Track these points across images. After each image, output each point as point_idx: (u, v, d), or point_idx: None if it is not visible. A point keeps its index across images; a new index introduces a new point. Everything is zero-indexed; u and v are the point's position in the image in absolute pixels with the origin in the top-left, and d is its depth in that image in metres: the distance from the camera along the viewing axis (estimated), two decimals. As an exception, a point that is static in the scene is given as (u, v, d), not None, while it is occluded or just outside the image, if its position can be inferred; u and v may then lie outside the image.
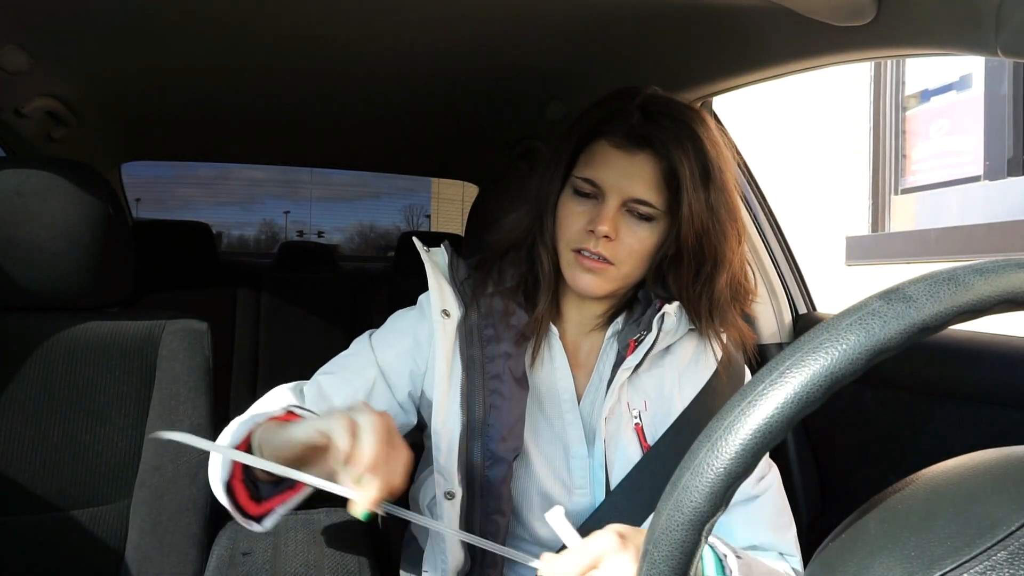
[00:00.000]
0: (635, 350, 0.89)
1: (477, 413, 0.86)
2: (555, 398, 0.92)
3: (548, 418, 0.92)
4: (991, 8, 0.77)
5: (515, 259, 0.95)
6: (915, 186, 3.72)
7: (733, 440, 0.34)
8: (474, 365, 0.87)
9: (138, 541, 1.09)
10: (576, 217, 0.89)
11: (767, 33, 1.08)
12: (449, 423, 0.87)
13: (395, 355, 0.92)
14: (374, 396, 0.91)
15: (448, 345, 0.88)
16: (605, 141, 0.88)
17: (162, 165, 3.58)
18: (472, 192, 2.83)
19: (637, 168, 0.86)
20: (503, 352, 0.88)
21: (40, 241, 1.08)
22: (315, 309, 2.56)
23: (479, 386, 0.87)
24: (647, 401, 0.92)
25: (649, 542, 0.36)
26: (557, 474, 0.90)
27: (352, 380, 0.91)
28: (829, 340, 0.33)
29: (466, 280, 0.94)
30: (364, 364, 0.92)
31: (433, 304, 0.91)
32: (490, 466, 0.85)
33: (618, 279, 0.89)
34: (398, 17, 1.19)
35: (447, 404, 0.87)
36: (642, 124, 0.87)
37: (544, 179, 0.93)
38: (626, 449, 0.90)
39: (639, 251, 0.88)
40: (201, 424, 1.13)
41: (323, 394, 0.90)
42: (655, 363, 0.93)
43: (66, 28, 1.26)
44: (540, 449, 0.90)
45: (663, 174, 0.86)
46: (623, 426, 0.91)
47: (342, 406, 0.84)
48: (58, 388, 1.10)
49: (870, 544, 0.35)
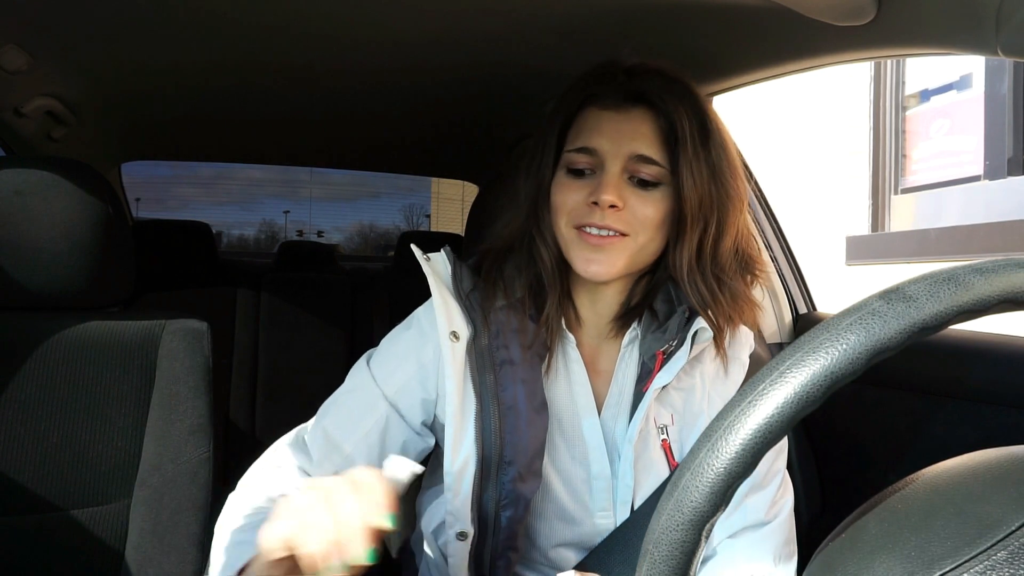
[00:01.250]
0: (664, 365, 0.82)
1: (493, 450, 0.78)
2: (574, 416, 0.85)
3: (567, 438, 0.85)
4: (991, 8, 0.77)
5: (517, 262, 0.87)
6: (915, 186, 3.72)
7: (733, 440, 0.34)
8: (488, 394, 0.79)
9: (138, 541, 1.09)
10: (574, 192, 0.81)
11: (767, 33, 1.08)
12: (463, 464, 0.79)
13: (401, 384, 0.84)
14: (389, 433, 0.84)
15: (459, 372, 0.80)
16: (595, 107, 0.83)
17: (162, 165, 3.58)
18: (472, 192, 2.83)
19: (634, 125, 0.80)
20: (519, 378, 0.80)
21: (40, 241, 1.08)
22: (315, 309, 2.56)
23: (494, 419, 0.79)
24: (674, 415, 0.86)
25: (649, 542, 0.36)
26: (578, 497, 0.85)
27: (362, 420, 0.83)
28: (829, 340, 0.33)
29: (472, 292, 0.85)
30: (371, 400, 0.84)
31: (440, 326, 0.81)
32: (506, 506, 0.80)
33: (631, 251, 0.81)
34: (397, 16, 1.18)
35: (460, 442, 0.79)
36: (632, 82, 0.82)
37: (532, 168, 0.86)
38: (654, 469, 0.84)
39: (653, 218, 0.80)
40: (201, 424, 1.13)
41: (332, 442, 0.83)
42: (683, 376, 0.86)
43: (66, 28, 1.26)
44: (558, 471, 0.84)
45: (662, 131, 0.80)
46: (650, 444, 0.84)
47: (354, 453, 0.81)
48: (58, 388, 1.10)
49: (870, 544, 0.35)
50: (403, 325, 0.90)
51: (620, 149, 0.80)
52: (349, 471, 0.57)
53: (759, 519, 0.86)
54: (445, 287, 0.84)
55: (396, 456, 0.63)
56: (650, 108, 0.81)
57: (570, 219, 0.81)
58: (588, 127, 0.82)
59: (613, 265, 0.80)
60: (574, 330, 0.88)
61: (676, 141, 0.80)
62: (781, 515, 0.87)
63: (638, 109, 0.81)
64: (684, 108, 0.80)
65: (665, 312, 0.86)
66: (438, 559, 0.89)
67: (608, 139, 0.80)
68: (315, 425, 0.86)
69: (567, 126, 0.85)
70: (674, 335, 0.83)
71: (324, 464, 0.81)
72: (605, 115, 0.82)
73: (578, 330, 0.89)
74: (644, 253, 0.83)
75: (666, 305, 0.86)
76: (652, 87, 0.81)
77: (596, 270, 0.80)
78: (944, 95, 3.54)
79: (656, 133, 0.81)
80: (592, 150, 0.81)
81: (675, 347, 0.82)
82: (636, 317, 0.87)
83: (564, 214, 0.82)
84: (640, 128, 0.81)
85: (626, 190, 0.80)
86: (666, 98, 0.80)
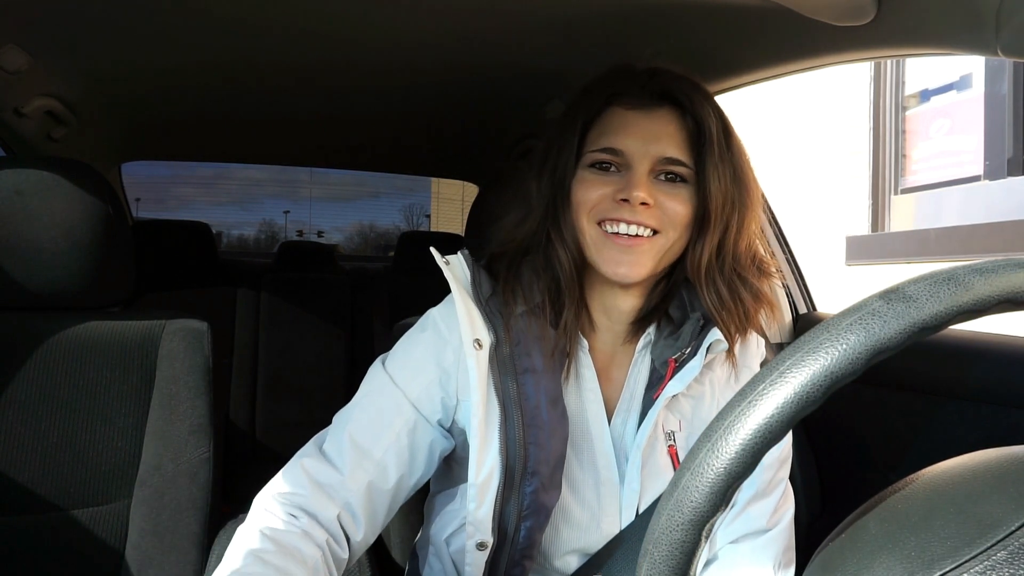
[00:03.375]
0: (675, 373, 0.81)
1: (517, 461, 0.77)
2: (584, 424, 0.84)
3: (576, 445, 0.84)
4: (991, 8, 0.77)
5: (534, 267, 0.85)
6: (915, 186, 3.72)
7: (733, 440, 0.34)
8: (511, 404, 0.78)
9: (138, 541, 1.09)
10: (599, 187, 0.79)
11: (767, 33, 1.08)
12: (488, 475, 0.78)
13: (423, 387, 0.83)
14: (417, 435, 0.82)
15: (483, 382, 0.78)
16: (619, 107, 0.81)
17: (162, 165, 3.58)
18: (472, 192, 2.84)
19: (661, 125, 0.79)
20: (541, 384, 0.79)
21: (40, 241, 1.08)
22: (315, 309, 2.56)
23: (518, 429, 0.78)
24: (682, 421, 0.85)
25: (649, 542, 0.36)
26: (586, 504, 0.84)
27: (390, 424, 0.81)
28: (829, 340, 0.33)
29: (491, 297, 0.83)
30: (395, 403, 0.82)
31: (464, 333, 0.79)
32: (527, 516, 0.79)
33: (660, 250, 0.80)
34: (397, 17, 1.18)
35: (485, 454, 0.78)
36: (656, 80, 0.81)
37: (548, 166, 0.84)
38: (661, 474, 0.84)
39: (683, 216, 0.79)
40: (201, 424, 1.13)
41: (361, 449, 0.80)
42: (693, 383, 0.84)
43: (66, 28, 1.26)
44: (568, 478, 0.83)
45: (688, 131, 0.80)
46: (657, 450, 0.84)
47: (385, 457, 0.79)
48: (58, 388, 1.10)
49: (870, 544, 0.35)
50: (418, 327, 0.88)
51: (648, 150, 0.79)
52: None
53: (760, 526, 0.86)
54: (466, 292, 0.82)
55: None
56: (675, 108, 0.81)
57: (593, 215, 0.80)
58: (613, 127, 0.81)
59: (643, 266, 0.79)
60: (587, 335, 0.87)
61: (702, 142, 0.79)
62: (782, 523, 0.88)
63: (664, 108, 0.81)
64: (712, 109, 0.80)
65: (679, 318, 0.85)
66: (448, 566, 0.88)
67: (635, 139, 0.79)
68: (336, 434, 0.82)
69: (588, 125, 0.83)
70: (687, 343, 0.82)
71: (356, 473, 0.79)
72: (631, 115, 0.81)
73: (591, 335, 0.88)
74: (670, 253, 0.82)
75: (680, 311, 0.85)
76: (679, 87, 0.81)
77: (625, 272, 0.79)
78: (944, 95, 3.54)
79: (682, 133, 0.80)
80: (618, 151, 0.80)
81: (688, 356, 0.82)
82: (651, 322, 0.86)
83: (587, 210, 0.81)
84: (667, 128, 0.80)
85: (655, 188, 0.79)
86: (695, 99, 0.80)
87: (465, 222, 1.44)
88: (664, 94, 0.81)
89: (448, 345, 0.83)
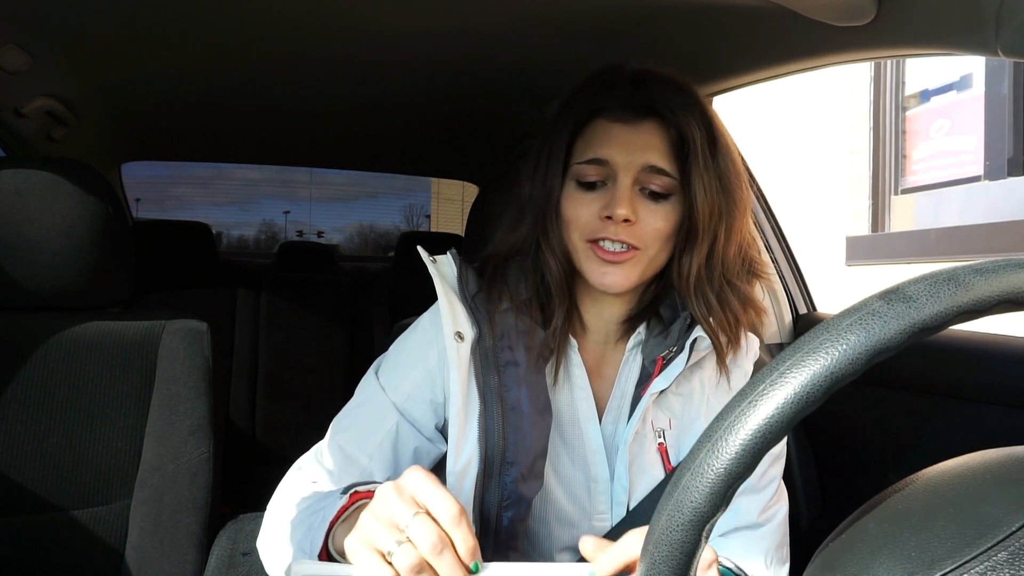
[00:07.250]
0: (663, 370, 0.82)
1: (496, 450, 0.79)
2: (575, 421, 0.86)
3: (567, 442, 0.85)
4: (991, 8, 0.78)
5: (522, 267, 0.87)
6: (915, 186, 3.72)
7: (733, 440, 0.34)
8: (491, 395, 0.80)
9: (138, 541, 1.09)
10: (586, 205, 0.82)
11: (767, 33, 1.08)
12: (466, 463, 0.80)
13: (410, 390, 0.85)
14: (400, 442, 0.84)
15: (463, 372, 0.80)
16: (603, 119, 0.83)
17: (161, 165, 3.58)
18: (472, 192, 2.83)
19: (645, 137, 0.81)
20: (523, 378, 0.81)
21: (40, 241, 1.08)
22: (315, 309, 2.56)
23: (497, 419, 0.79)
24: (672, 419, 0.86)
25: (649, 542, 0.36)
26: (577, 501, 0.85)
27: (374, 432, 0.83)
28: (829, 340, 0.33)
29: (477, 294, 0.85)
30: (380, 411, 0.84)
31: (445, 326, 0.81)
32: (507, 506, 0.80)
33: (644, 264, 0.82)
34: (397, 17, 1.19)
35: (463, 442, 0.80)
36: (640, 92, 0.82)
37: (538, 176, 0.86)
38: (650, 471, 0.85)
39: (664, 231, 0.81)
40: (201, 424, 1.13)
41: (348, 456, 0.82)
42: (682, 381, 0.86)
43: (66, 28, 1.26)
44: (559, 475, 0.85)
45: (672, 141, 0.81)
46: (646, 447, 0.85)
47: (371, 465, 0.81)
48: (58, 388, 1.10)
49: (870, 544, 0.35)
50: (408, 331, 0.90)
51: (632, 161, 0.80)
52: (401, 478, 0.57)
53: (751, 521, 0.86)
54: (451, 289, 0.85)
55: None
56: (660, 119, 0.82)
57: (583, 233, 0.82)
58: (598, 139, 0.82)
59: (628, 279, 0.81)
60: (578, 336, 0.88)
61: (686, 152, 0.81)
62: (774, 520, 0.87)
63: (648, 121, 0.82)
64: (693, 118, 0.80)
65: (670, 317, 0.86)
66: None
67: (619, 150, 0.81)
68: (330, 441, 0.85)
69: (575, 136, 0.85)
70: (675, 341, 0.83)
71: (344, 479, 0.81)
72: (615, 127, 0.82)
73: (582, 336, 0.89)
74: (654, 264, 0.84)
75: (671, 311, 0.86)
76: (660, 97, 0.82)
77: (612, 281, 0.81)
78: (944, 95, 3.54)
79: (666, 144, 0.81)
80: (603, 161, 0.81)
81: (675, 353, 0.83)
82: (641, 322, 0.88)
83: (577, 228, 0.82)
84: (651, 140, 0.81)
85: (638, 203, 0.80)
86: (675, 108, 0.81)
87: (465, 222, 1.44)
88: (648, 106, 0.82)
89: (433, 345, 0.85)
